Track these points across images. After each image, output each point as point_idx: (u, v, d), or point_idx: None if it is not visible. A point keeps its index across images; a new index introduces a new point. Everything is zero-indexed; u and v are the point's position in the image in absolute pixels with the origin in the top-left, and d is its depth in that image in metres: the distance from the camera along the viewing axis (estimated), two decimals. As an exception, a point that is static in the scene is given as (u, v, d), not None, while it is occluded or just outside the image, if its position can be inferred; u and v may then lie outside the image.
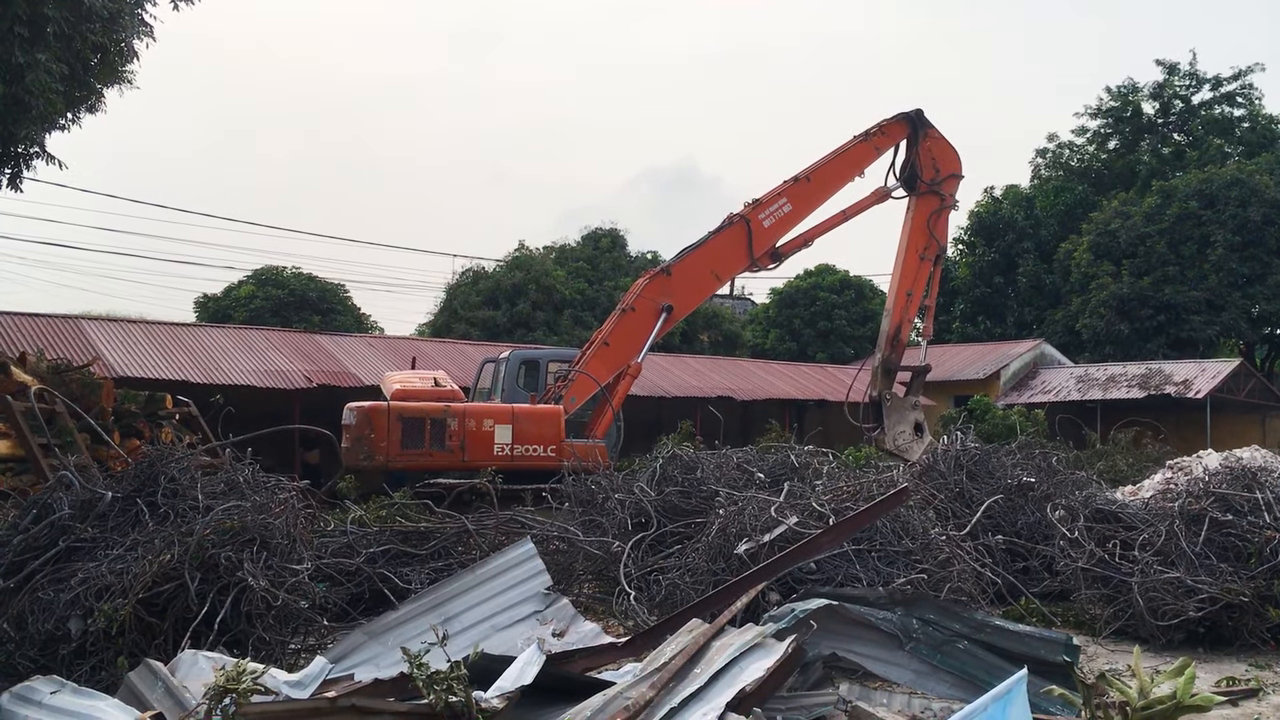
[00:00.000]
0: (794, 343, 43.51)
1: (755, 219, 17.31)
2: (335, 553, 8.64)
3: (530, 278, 36.43)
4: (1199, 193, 39.43)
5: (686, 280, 17.06)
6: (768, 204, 17.48)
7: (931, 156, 18.55)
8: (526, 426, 15.22)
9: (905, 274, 18.44)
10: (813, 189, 17.77)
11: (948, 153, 18.77)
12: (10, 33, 11.32)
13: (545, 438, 15.20)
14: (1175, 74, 46.89)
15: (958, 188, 18.96)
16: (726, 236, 17.25)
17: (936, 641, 5.88)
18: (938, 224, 18.63)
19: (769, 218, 17.38)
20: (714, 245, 17.19)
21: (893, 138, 18.47)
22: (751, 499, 8.55)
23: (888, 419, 17.86)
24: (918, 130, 18.46)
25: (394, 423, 14.75)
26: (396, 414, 14.83)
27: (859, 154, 18.22)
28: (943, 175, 18.63)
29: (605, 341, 16.59)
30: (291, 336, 26.92)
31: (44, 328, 22.41)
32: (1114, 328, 39.28)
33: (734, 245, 17.24)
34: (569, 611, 7.13)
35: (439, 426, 14.82)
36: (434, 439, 14.78)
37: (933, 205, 18.55)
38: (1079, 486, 10.81)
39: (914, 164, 18.48)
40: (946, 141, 18.77)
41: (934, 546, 8.03)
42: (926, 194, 18.50)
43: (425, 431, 14.75)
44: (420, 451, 14.69)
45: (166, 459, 8.00)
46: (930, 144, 18.55)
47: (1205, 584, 7.98)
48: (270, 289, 37.50)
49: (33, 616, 6.77)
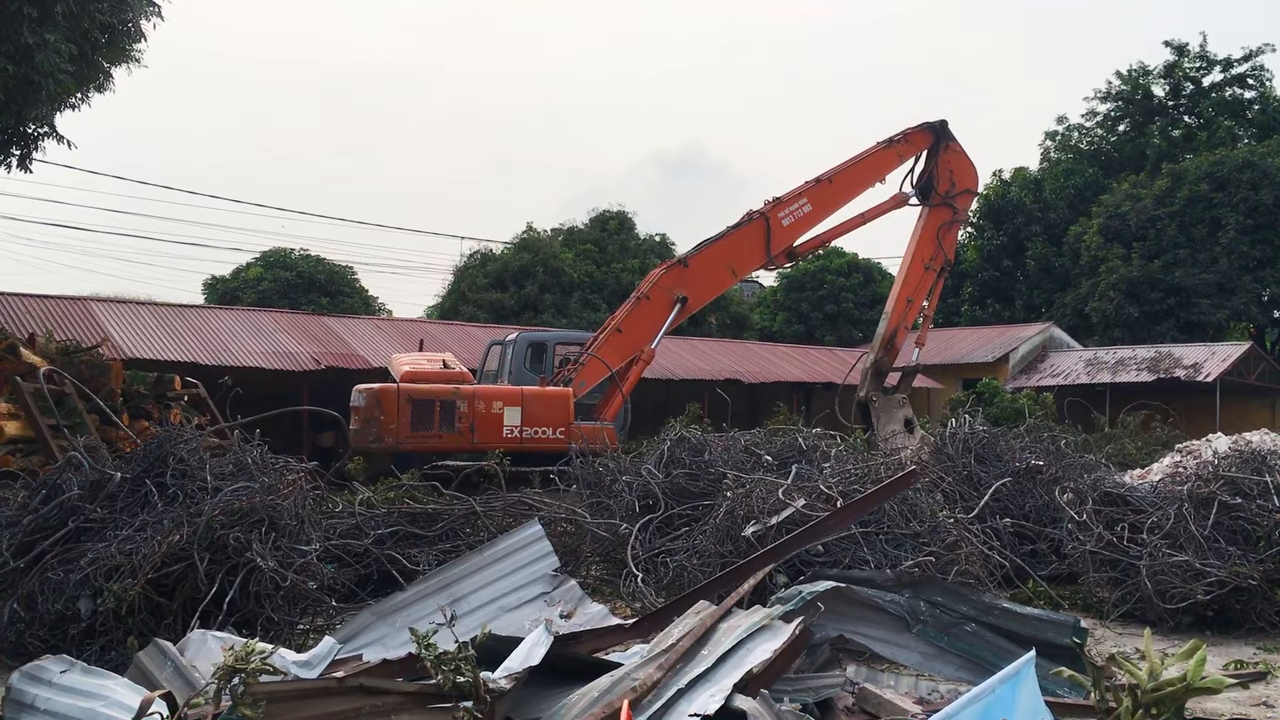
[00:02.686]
0: (802, 325, 43.44)
1: (775, 217, 17.27)
2: (343, 534, 8.67)
3: (538, 260, 36.40)
4: (1209, 175, 39.21)
5: (703, 273, 17.07)
6: (788, 203, 17.45)
7: (950, 169, 18.54)
8: (536, 409, 15.20)
9: (909, 281, 18.45)
10: (834, 191, 17.78)
11: (966, 168, 18.80)
12: (19, 13, 11.31)
13: (554, 420, 15.18)
14: (1185, 55, 46.54)
15: (971, 204, 19.14)
16: (745, 233, 17.23)
17: (944, 624, 5.88)
18: (947, 237, 18.65)
19: (789, 217, 17.36)
20: (732, 240, 17.18)
21: (916, 146, 18.48)
22: (759, 481, 8.54)
23: (877, 420, 17.81)
24: (940, 141, 18.48)
25: (404, 404, 14.67)
26: (406, 396, 14.76)
27: (882, 160, 18.26)
28: (958, 189, 18.66)
29: (618, 328, 16.56)
30: (299, 318, 26.96)
31: (53, 309, 22.47)
32: (1123, 311, 39.12)
33: (752, 242, 17.23)
34: (576, 593, 7.14)
35: (448, 408, 14.79)
36: (444, 421, 14.73)
37: (944, 217, 18.56)
38: (1087, 470, 10.78)
39: (932, 174, 18.47)
40: (967, 157, 18.78)
41: (942, 529, 8.03)
42: (940, 206, 18.48)
43: (435, 413, 14.71)
44: (430, 433, 14.64)
45: (175, 440, 8.04)
46: (950, 157, 18.54)
47: (1214, 567, 7.96)
48: (278, 271, 37.55)
49: (43, 596, 6.82)
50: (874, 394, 18.09)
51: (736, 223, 17.34)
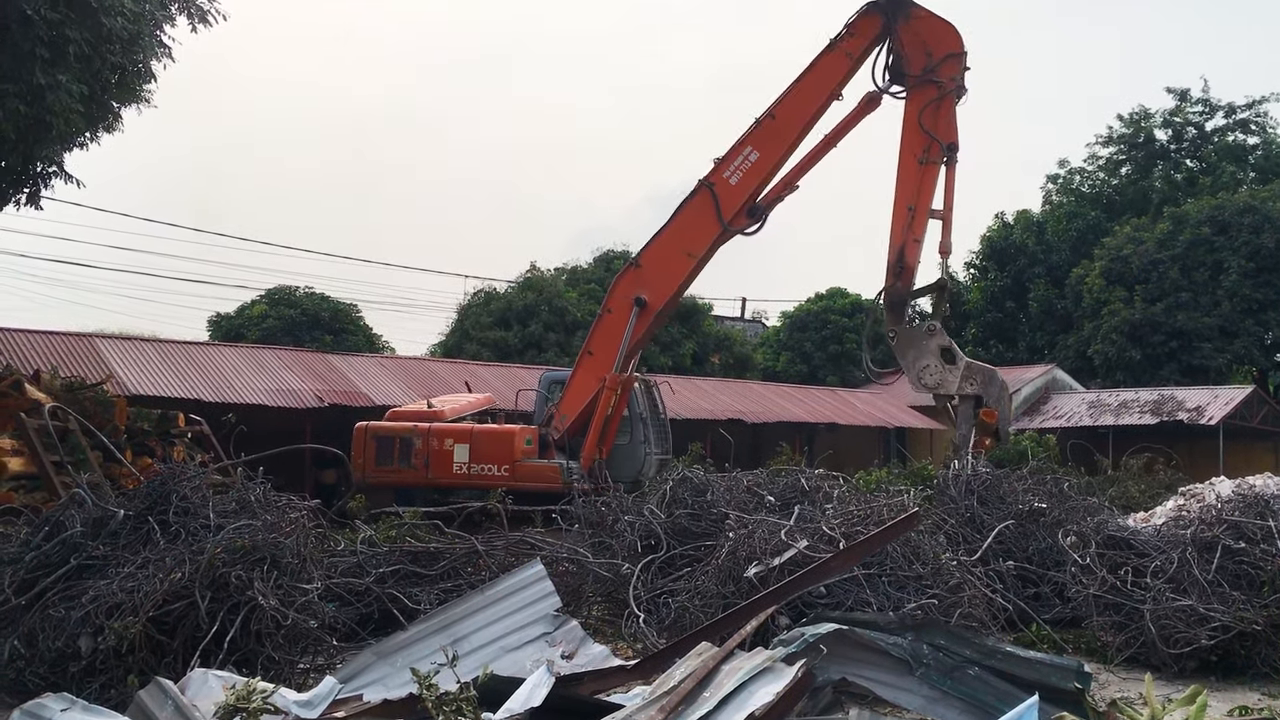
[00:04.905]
0: (805, 365, 43.44)
1: (719, 179, 15.36)
2: (345, 572, 8.67)
3: (542, 299, 36.49)
4: (1212, 219, 39.35)
5: (657, 267, 15.67)
6: (731, 158, 15.39)
7: (920, 39, 15.17)
8: (482, 446, 15.75)
9: (904, 184, 15.07)
10: (781, 127, 15.28)
11: (940, 30, 15.26)
12: (32, 54, 11.45)
13: (498, 457, 15.60)
14: (1187, 100, 46.92)
15: (960, 69, 15.15)
16: (692, 208, 15.54)
17: (947, 667, 5.85)
18: (937, 116, 14.96)
19: (735, 173, 15.28)
20: (681, 221, 15.60)
21: (865, 36, 15.36)
22: (761, 522, 8.54)
23: (902, 358, 15.00)
24: (894, 17, 15.20)
25: (369, 441, 15.95)
26: (372, 433, 16.08)
27: (829, 68, 15.32)
28: (937, 58, 15.08)
29: (589, 350, 16.19)
30: (303, 356, 27.00)
31: (58, 345, 22.52)
32: (1126, 353, 39.13)
33: (701, 216, 15.39)
34: (578, 633, 7.12)
35: (406, 445, 15.79)
36: (402, 456, 15.78)
37: (929, 96, 15.02)
38: (1091, 512, 10.76)
39: (899, 55, 15.26)
40: (936, 17, 15.34)
41: (945, 571, 8.01)
42: (921, 85, 15.10)
43: (395, 450, 15.80)
44: (390, 468, 15.74)
45: (178, 477, 8.05)
46: (916, 24, 15.19)
47: (1218, 612, 7.94)
48: (283, 308, 37.62)
49: (44, 634, 6.81)
50: (892, 329, 15.14)
51: (682, 201, 15.71)
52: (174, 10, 14.41)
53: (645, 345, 16.51)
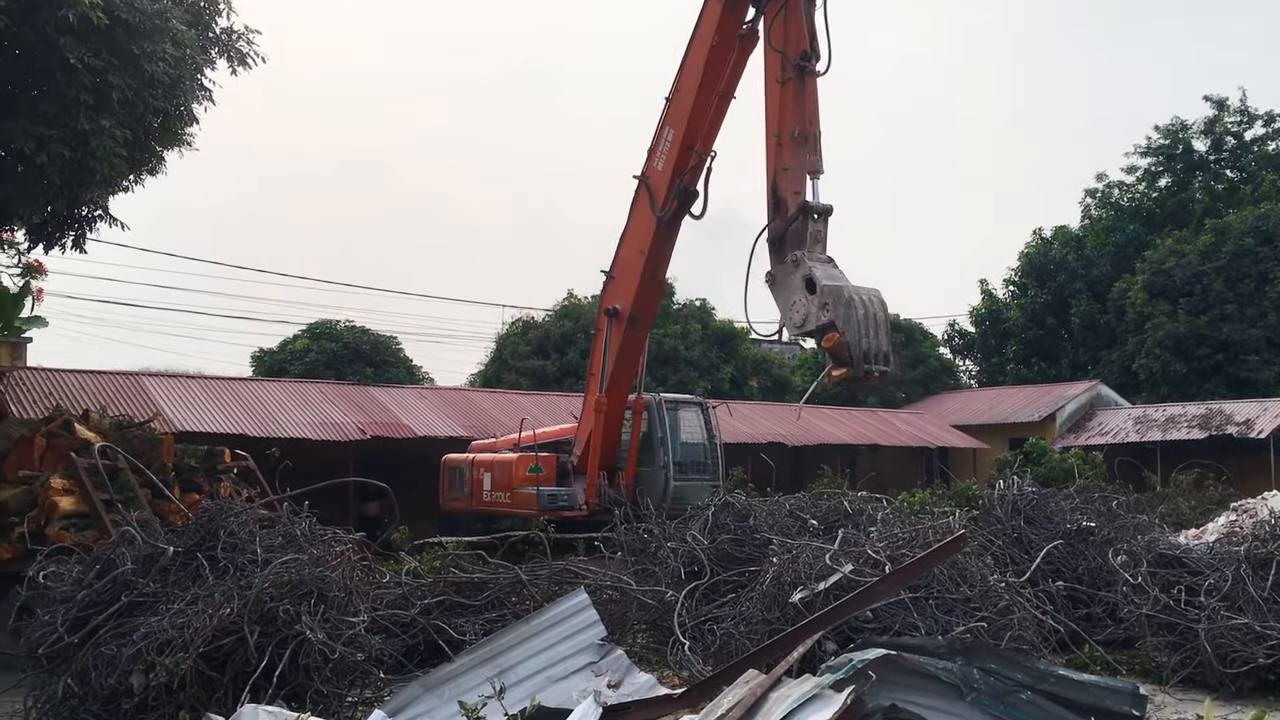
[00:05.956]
0: (843, 387, 43.20)
1: (651, 168, 14.59)
2: (390, 604, 8.70)
3: (579, 326, 36.61)
4: (1254, 229, 38.83)
5: (622, 272, 15.15)
6: (655, 145, 14.57)
7: None
8: (497, 475, 16.47)
9: (769, 114, 12.35)
10: (685, 96, 14.02)
11: None
12: (76, 100, 11.67)
13: (503, 485, 16.24)
14: (1225, 110, 46.41)
15: None
16: (635, 206, 14.91)
17: (999, 692, 5.78)
18: (787, 27, 12.09)
19: (660, 157, 14.44)
20: (631, 222, 15.03)
21: None
22: (805, 546, 8.49)
23: (780, 303, 11.86)
24: None
25: (445, 471, 17.85)
26: (447, 464, 17.81)
27: (708, 18, 13.61)
28: None
29: (590, 372, 15.93)
30: (345, 389, 27.23)
31: (106, 384, 22.86)
32: (1170, 368, 38.61)
33: (641, 210, 14.77)
34: (624, 662, 7.11)
35: (461, 475, 17.35)
36: (459, 485, 17.32)
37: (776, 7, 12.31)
38: (1141, 531, 10.62)
39: None
40: None
41: (993, 593, 7.92)
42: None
43: (458, 479, 17.41)
44: (454, 497, 17.47)
45: (226, 513, 8.14)
46: None
47: (1275, 630, 7.79)
48: (324, 342, 38.01)
49: (96, 671, 6.88)
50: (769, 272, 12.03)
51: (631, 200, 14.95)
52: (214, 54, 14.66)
53: (637, 361, 15.67)
